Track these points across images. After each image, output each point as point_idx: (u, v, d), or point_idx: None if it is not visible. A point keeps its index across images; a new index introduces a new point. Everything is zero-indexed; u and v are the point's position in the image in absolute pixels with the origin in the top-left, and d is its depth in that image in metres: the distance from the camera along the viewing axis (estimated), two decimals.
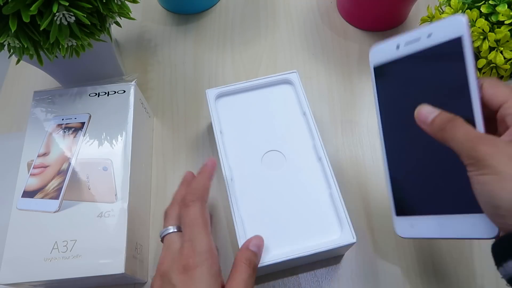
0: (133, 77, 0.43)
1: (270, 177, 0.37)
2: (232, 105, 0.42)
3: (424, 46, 0.29)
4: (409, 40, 0.30)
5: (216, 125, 0.40)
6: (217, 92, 0.42)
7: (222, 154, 0.38)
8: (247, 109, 0.41)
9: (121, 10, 0.37)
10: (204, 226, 0.30)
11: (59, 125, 0.39)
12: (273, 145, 0.39)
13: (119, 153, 0.37)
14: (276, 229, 0.35)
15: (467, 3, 0.38)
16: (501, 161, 0.22)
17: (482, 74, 0.38)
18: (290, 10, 0.55)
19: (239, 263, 0.31)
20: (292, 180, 0.37)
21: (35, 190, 0.36)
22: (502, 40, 0.36)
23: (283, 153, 0.38)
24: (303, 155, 0.38)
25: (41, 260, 0.33)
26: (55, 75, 0.46)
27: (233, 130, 0.40)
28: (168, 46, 0.53)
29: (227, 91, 0.42)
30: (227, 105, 0.42)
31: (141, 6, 0.56)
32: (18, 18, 0.31)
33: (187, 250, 0.29)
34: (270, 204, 0.36)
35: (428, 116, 0.27)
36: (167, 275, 0.29)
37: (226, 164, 0.38)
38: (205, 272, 0.28)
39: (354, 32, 0.53)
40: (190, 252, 0.29)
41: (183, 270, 0.28)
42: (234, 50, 0.52)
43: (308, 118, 0.39)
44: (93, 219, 0.34)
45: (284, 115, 0.41)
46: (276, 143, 0.39)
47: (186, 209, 0.31)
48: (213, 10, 0.56)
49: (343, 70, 0.50)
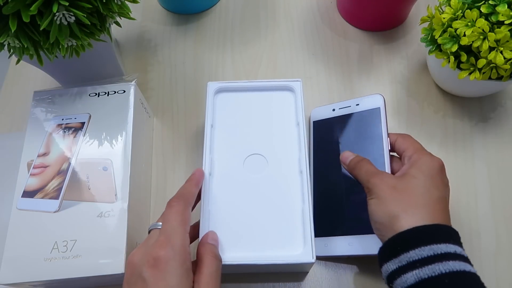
0: (133, 77, 0.43)
1: (249, 179, 0.37)
2: (230, 102, 0.42)
3: (353, 111, 0.42)
4: (342, 106, 0.43)
5: (208, 118, 0.40)
6: (218, 86, 0.42)
7: (206, 147, 0.38)
8: (244, 108, 0.41)
9: (121, 10, 0.37)
10: (182, 223, 0.30)
11: (59, 125, 0.39)
12: (259, 148, 0.38)
13: (119, 153, 0.37)
14: (240, 232, 0.34)
15: (467, 3, 0.38)
16: (383, 189, 0.32)
17: (482, 74, 0.38)
18: (290, 10, 0.55)
19: (205, 256, 0.30)
20: (269, 187, 0.36)
21: (35, 190, 0.36)
22: (502, 40, 0.36)
23: (266, 159, 0.38)
24: (286, 165, 0.37)
25: (41, 260, 0.33)
26: (55, 75, 0.46)
27: (224, 126, 0.40)
28: (168, 46, 0.53)
29: (228, 87, 0.42)
30: (225, 101, 0.42)
31: (141, 6, 0.56)
32: (18, 18, 0.31)
33: (161, 242, 0.28)
34: (242, 206, 0.36)
35: (348, 158, 0.37)
36: (137, 267, 0.28)
37: (208, 158, 0.37)
38: (177, 266, 0.27)
39: (354, 32, 0.53)
40: (164, 243, 0.28)
41: (154, 263, 0.27)
42: (234, 50, 0.52)
43: (301, 129, 0.39)
44: (93, 219, 0.34)
45: (278, 121, 0.40)
46: (262, 147, 0.39)
47: (169, 209, 0.31)
48: (213, 10, 0.56)
49: (343, 70, 0.50)
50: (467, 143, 0.44)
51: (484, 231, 0.40)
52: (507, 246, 0.39)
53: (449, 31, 0.38)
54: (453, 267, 0.27)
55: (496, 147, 0.44)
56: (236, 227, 0.35)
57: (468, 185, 0.42)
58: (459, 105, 0.47)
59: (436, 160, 0.33)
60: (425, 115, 0.46)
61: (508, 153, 0.44)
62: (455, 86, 0.44)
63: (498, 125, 0.45)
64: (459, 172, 0.43)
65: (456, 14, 0.38)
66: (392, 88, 0.49)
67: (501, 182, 0.42)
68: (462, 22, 0.38)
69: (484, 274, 0.39)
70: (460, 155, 0.44)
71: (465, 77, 0.39)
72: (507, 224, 0.40)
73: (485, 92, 0.45)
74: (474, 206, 0.41)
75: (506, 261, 0.39)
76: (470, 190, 0.42)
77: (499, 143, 0.44)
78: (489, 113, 0.46)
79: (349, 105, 0.43)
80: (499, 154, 0.44)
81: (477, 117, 0.46)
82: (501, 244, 0.39)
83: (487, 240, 0.40)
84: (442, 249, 0.28)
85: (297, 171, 0.37)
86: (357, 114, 0.41)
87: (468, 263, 0.28)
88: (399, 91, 0.48)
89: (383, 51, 0.51)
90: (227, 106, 0.41)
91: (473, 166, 0.43)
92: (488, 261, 0.39)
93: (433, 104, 0.47)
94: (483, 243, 0.39)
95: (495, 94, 0.47)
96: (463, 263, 0.28)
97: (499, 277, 0.38)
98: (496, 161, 0.43)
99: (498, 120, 0.46)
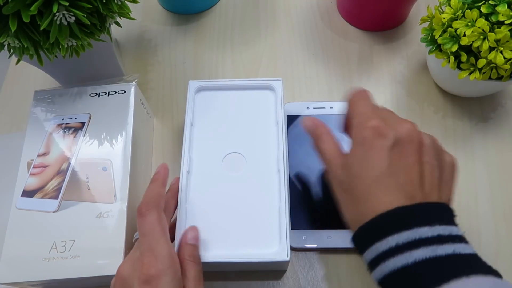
0: (134, 77, 0.43)
1: (227, 178, 0.37)
2: (210, 100, 0.42)
3: (326, 113, 0.45)
4: (317, 106, 0.46)
5: (188, 116, 0.40)
6: (199, 85, 0.42)
7: (186, 145, 0.38)
8: (224, 107, 0.41)
9: (121, 10, 0.37)
10: (162, 234, 0.29)
11: (59, 125, 0.39)
12: (238, 147, 0.38)
13: (119, 154, 0.37)
14: (216, 230, 0.34)
15: (467, 3, 0.38)
16: (336, 190, 0.31)
17: (482, 74, 0.38)
18: (290, 10, 0.55)
19: (183, 261, 0.30)
20: (247, 186, 0.37)
21: (35, 189, 0.36)
22: (502, 40, 0.36)
23: (245, 157, 0.38)
24: (264, 163, 0.37)
25: (40, 260, 0.33)
26: (55, 75, 0.46)
27: (203, 125, 0.40)
28: (168, 46, 0.53)
29: (209, 86, 0.42)
30: (205, 99, 0.42)
31: (141, 6, 0.56)
32: (18, 18, 0.31)
33: (148, 259, 0.28)
34: (220, 204, 0.36)
35: (308, 127, 0.34)
36: (127, 282, 0.28)
37: (187, 156, 0.38)
38: (170, 280, 0.27)
39: (354, 32, 0.53)
40: (152, 261, 0.28)
41: (146, 280, 0.27)
42: (234, 50, 0.52)
43: (280, 128, 0.39)
44: (92, 220, 0.34)
45: (257, 120, 0.40)
46: (241, 146, 0.39)
47: (142, 218, 0.30)
48: (213, 10, 0.56)
49: (343, 70, 0.50)
50: (467, 143, 0.44)
51: (484, 231, 0.40)
52: (507, 246, 0.39)
53: (449, 31, 0.38)
54: (394, 264, 0.25)
55: (496, 147, 0.44)
56: (212, 226, 0.35)
57: (468, 185, 0.42)
58: (459, 105, 0.47)
59: (368, 127, 0.29)
60: (425, 115, 0.46)
61: (508, 153, 0.44)
62: (455, 86, 0.44)
63: (498, 125, 0.45)
64: (459, 172, 0.43)
65: (456, 14, 0.38)
66: (392, 88, 0.48)
67: (501, 182, 0.42)
68: (462, 22, 0.38)
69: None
70: (460, 155, 0.44)
71: (465, 77, 0.39)
72: (507, 224, 0.40)
73: (485, 92, 0.45)
74: (474, 206, 0.41)
75: (506, 261, 0.38)
76: (470, 190, 0.42)
77: (499, 143, 0.44)
78: (489, 113, 0.46)
79: (324, 106, 0.45)
80: (499, 154, 0.44)
81: (477, 117, 0.46)
82: (501, 244, 0.39)
83: (487, 240, 0.39)
84: (380, 249, 0.26)
85: (275, 170, 0.37)
86: (330, 116, 0.44)
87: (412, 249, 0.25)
88: (399, 91, 0.48)
89: (383, 51, 0.51)
90: (207, 105, 0.41)
91: (473, 166, 0.43)
92: (488, 261, 0.39)
93: (433, 104, 0.47)
94: (483, 243, 0.39)
95: (495, 94, 0.47)
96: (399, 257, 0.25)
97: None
98: (496, 161, 0.43)
99: (498, 120, 0.46)
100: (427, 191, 0.28)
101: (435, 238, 0.25)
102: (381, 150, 0.28)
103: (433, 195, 0.28)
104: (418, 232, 0.25)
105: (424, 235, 0.25)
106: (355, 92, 0.33)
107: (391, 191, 0.27)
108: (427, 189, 0.28)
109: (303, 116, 0.45)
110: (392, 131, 0.29)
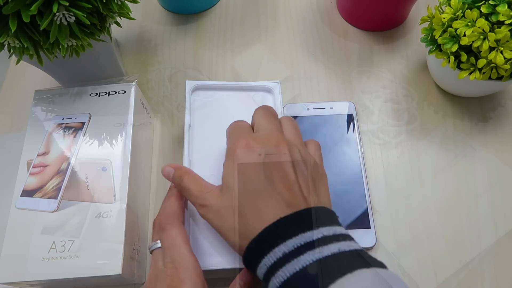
0: (134, 77, 0.43)
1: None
2: (208, 102, 0.42)
3: (326, 113, 0.45)
4: (316, 107, 0.46)
5: (187, 117, 0.40)
6: (195, 84, 0.42)
7: (185, 148, 0.38)
8: (223, 108, 0.41)
9: (121, 10, 0.37)
10: (184, 245, 0.30)
11: (59, 125, 0.39)
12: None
13: (118, 154, 0.37)
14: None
15: (467, 3, 0.38)
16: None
17: (482, 74, 0.38)
18: (290, 10, 0.55)
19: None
20: None
21: (34, 189, 0.36)
22: (502, 40, 0.36)
23: None
24: None
25: (39, 260, 0.33)
26: (55, 75, 0.46)
27: (202, 127, 0.40)
28: (168, 46, 0.53)
29: (205, 86, 0.42)
30: (203, 101, 0.42)
31: (141, 6, 0.56)
32: (18, 18, 0.31)
33: (171, 270, 0.29)
34: None
35: (170, 173, 0.34)
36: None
37: (187, 159, 0.38)
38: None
39: (354, 32, 0.53)
40: (175, 272, 0.29)
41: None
42: (234, 50, 0.52)
43: None
44: (91, 219, 0.34)
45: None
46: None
47: (164, 232, 0.31)
48: (213, 10, 0.56)
49: (343, 70, 0.50)
50: (467, 143, 0.44)
51: (484, 231, 0.40)
52: (507, 246, 0.39)
53: (449, 31, 0.38)
54: (284, 274, 0.25)
55: (496, 147, 0.44)
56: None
57: (468, 185, 0.42)
58: (459, 105, 0.47)
59: (237, 146, 0.30)
60: (425, 115, 0.46)
61: (508, 153, 0.44)
62: (455, 86, 0.44)
63: (498, 125, 0.45)
64: (459, 172, 0.43)
65: (456, 14, 0.38)
66: (392, 88, 0.48)
67: (501, 182, 0.42)
68: (462, 22, 0.38)
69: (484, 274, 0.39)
70: (460, 155, 0.44)
71: (465, 77, 0.39)
72: (507, 224, 0.40)
73: (485, 92, 0.45)
74: (474, 206, 0.41)
75: (506, 261, 0.38)
76: (470, 190, 0.42)
77: (499, 143, 0.44)
78: (489, 113, 0.46)
79: (324, 107, 0.46)
80: (499, 154, 0.44)
81: (477, 117, 0.46)
82: (501, 244, 0.39)
83: (487, 240, 0.39)
84: (268, 263, 0.26)
85: None
86: (330, 117, 0.45)
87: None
88: (399, 91, 0.48)
89: (383, 51, 0.51)
90: (205, 106, 0.41)
91: (473, 166, 0.43)
92: (488, 261, 0.39)
93: (433, 104, 0.47)
94: (483, 243, 0.39)
95: (495, 94, 0.47)
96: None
97: (499, 277, 0.38)
98: (496, 161, 0.43)
99: (498, 120, 0.46)
100: (306, 196, 0.28)
101: (321, 240, 0.25)
102: (254, 164, 0.29)
103: (313, 200, 0.28)
104: (303, 237, 0.25)
105: (309, 239, 0.25)
106: (232, 124, 0.35)
107: (272, 202, 0.28)
108: (306, 195, 0.28)
109: (299, 117, 0.45)
110: (259, 144, 0.30)
